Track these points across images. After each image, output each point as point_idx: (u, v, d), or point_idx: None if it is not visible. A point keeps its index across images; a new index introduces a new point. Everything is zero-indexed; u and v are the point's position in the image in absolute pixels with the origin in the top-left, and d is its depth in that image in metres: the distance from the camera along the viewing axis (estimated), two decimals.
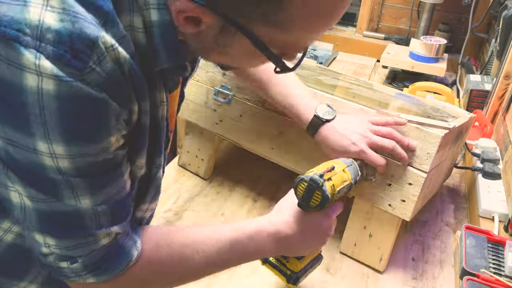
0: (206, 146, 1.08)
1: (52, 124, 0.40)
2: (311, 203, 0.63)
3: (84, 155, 0.43)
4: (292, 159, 0.93)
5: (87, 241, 0.48)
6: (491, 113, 1.30)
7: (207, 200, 1.04)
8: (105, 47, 0.41)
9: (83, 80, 0.40)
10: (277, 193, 1.07)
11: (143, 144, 0.52)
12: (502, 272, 0.80)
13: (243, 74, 0.88)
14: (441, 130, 0.79)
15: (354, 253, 0.90)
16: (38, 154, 0.42)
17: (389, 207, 0.83)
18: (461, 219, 1.06)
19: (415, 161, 0.79)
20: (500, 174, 1.05)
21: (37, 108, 0.40)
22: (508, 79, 1.24)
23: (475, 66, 1.71)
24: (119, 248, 0.50)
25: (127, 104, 0.45)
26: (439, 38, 1.63)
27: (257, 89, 0.89)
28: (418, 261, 0.92)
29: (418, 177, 0.79)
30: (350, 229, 0.89)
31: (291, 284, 0.71)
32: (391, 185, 0.82)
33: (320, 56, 1.81)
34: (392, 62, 1.66)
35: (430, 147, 0.78)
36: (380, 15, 2.03)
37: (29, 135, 0.41)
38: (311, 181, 0.62)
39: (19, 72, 0.39)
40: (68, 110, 0.40)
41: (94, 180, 0.45)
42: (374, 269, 0.88)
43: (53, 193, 0.44)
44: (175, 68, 0.52)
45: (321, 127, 0.81)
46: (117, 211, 0.50)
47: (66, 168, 0.43)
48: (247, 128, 0.98)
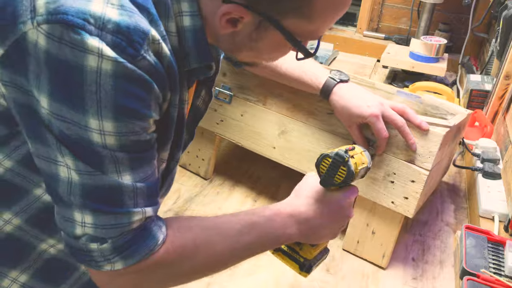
0: (206, 146, 1.08)
1: (105, 100, 0.46)
2: (335, 179, 0.62)
3: (129, 133, 0.48)
4: (294, 158, 0.94)
5: (122, 221, 0.50)
6: (491, 113, 1.30)
7: (207, 200, 1.04)
8: (153, 40, 0.48)
9: (136, 64, 0.46)
10: (277, 193, 1.07)
11: (169, 137, 0.57)
12: (502, 272, 0.80)
13: (259, 67, 0.90)
14: (442, 128, 0.79)
15: (357, 250, 0.90)
16: (88, 130, 0.47)
17: (392, 205, 0.83)
18: (461, 219, 1.06)
19: (417, 159, 0.80)
20: (500, 174, 1.05)
21: (94, 85, 0.45)
22: (508, 79, 1.24)
23: (475, 66, 1.71)
24: (147, 231, 0.52)
25: (164, 92, 0.51)
26: (439, 38, 1.63)
27: (270, 74, 0.91)
28: (418, 261, 0.92)
29: (420, 174, 0.80)
30: (353, 227, 0.90)
31: (304, 272, 0.69)
32: (393, 182, 0.82)
33: (321, 56, 1.81)
34: (392, 62, 1.66)
35: (432, 145, 0.79)
36: (380, 15, 2.03)
37: (82, 113, 0.46)
38: (336, 156, 0.61)
39: (82, 55, 0.44)
40: (121, 88, 0.46)
41: (135, 156, 0.50)
42: (377, 265, 0.88)
43: (99, 167, 0.49)
44: (203, 68, 0.58)
45: (336, 87, 0.83)
46: (152, 192, 0.53)
47: (112, 144, 0.48)
48: (248, 128, 0.98)
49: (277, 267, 0.87)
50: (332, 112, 0.86)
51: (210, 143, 1.07)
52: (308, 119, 0.90)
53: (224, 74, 0.99)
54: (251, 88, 0.97)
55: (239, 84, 0.98)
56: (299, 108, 0.91)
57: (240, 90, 0.98)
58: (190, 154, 1.11)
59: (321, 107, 0.88)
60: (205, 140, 1.07)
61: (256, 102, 0.96)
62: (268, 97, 0.95)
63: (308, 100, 0.90)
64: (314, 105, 0.89)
